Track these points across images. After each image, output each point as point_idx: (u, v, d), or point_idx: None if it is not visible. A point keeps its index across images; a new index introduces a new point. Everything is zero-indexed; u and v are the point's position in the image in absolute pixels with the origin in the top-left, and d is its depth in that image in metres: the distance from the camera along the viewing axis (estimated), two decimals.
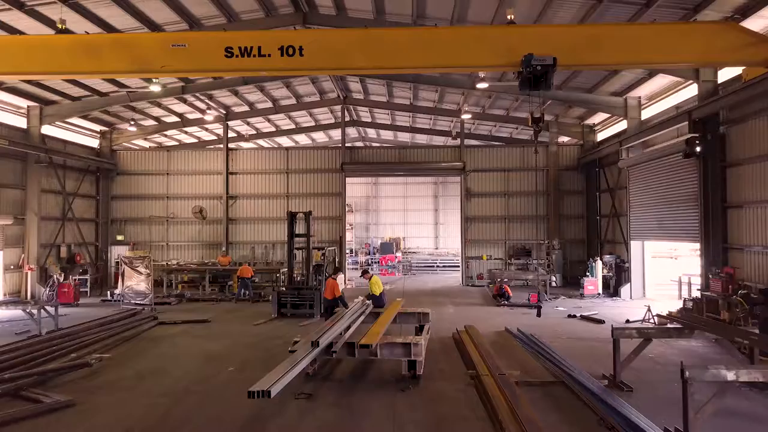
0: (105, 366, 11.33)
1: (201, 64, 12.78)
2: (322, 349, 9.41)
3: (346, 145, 28.89)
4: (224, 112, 27.79)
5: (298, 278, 18.27)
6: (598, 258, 22.77)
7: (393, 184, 45.39)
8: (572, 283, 26.03)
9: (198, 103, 25.85)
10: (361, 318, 12.89)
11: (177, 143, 32.21)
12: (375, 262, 41.52)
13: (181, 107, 26.60)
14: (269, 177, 28.32)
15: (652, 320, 16.10)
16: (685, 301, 16.30)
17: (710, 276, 15.46)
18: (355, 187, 45.29)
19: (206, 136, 32.19)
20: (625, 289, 21.78)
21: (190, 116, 28.05)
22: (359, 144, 35.58)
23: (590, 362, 11.21)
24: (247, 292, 21.09)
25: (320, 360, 10.33)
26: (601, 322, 16.35)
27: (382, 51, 12.34)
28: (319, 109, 29.93)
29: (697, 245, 17.35)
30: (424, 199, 45.59)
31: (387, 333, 11.90)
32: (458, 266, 37.35)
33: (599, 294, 22.08)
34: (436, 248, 45.11)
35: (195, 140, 32.63)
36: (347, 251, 45.22)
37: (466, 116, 24.99)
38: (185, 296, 21.91)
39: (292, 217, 17.72)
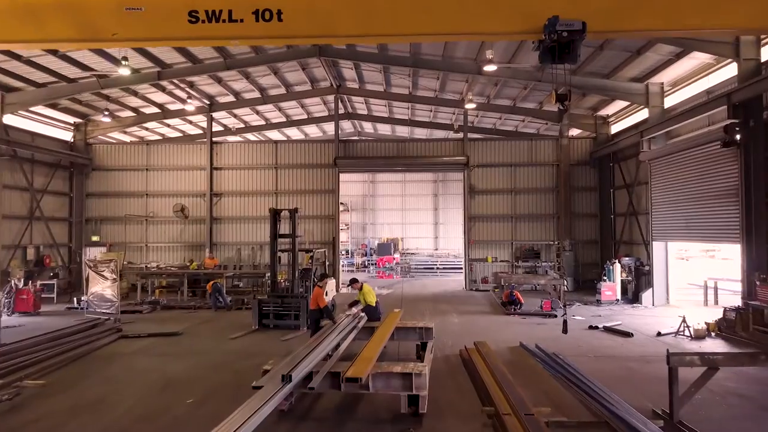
0: (35, 396, 9.20)
1: (160, 31, 10.49)
2: (298, 383, 7.31)
3: (341, 138, 26.81)
4: (208, 102, 25.67)
5: (283, 284, 16.16)
6: (616, 260, 20.69)
7: (391, 182, 43.64)
8: (585, 287, 24.03)
9: (178, 92, 23.73)
10: (353, 334, 10.81)
11: (160, 137, 30.08)
12: (372, 264, 39.72)
13: (160, 96, 24.47)
14: (256, 173, 26.22)
15: (687, 332, 14.05)
16: (725, 311, 14.21)
17: (757, 282, 13.39)
18: (351, 186, 43.59)
19: (191, 130, 30.07)
20: (646, 295, 19.71)
21: (171, 107, 25.93)
22: (354, 138, 33.35)
23: (631, 391, 9.12)
24: (221, 299, 18.96)
25: (298, 392, 8.22)
26: (628, 335, 14.27)
27: (376, 13, 10.17)
28: (311, 99, 27.83)
29: (732, 246, 15.32)
30: (423, 198, 43.78)
31: (383, 353, 9.84)
32: (460, 268, 35.62)
33: (618, 300, 20.01)
34: (436, 249, 43.34)
35: (179, 134, 30.54)
36: (343, 252, 43.25)
37: (470, 105, 22.92)
38: (160, 303, 19.77)
39: (275, 216, 15.63)
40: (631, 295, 20.71)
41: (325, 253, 17.92)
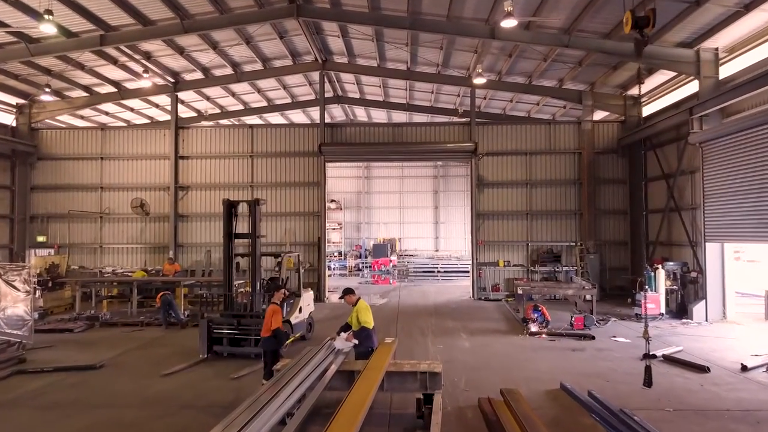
0: None
1: None
2: None
3: (327, 121, 23.13)
4: (172, 80, 21.96)
5: (240, 299, 12.43)
6: (659, 266, 17.00)
7: (387, 177, 40.10)
8: (612, 295, 20.44)
9: (134, 66, 20.00)
10: (330, 374, 7.17)
11: (125, 123, 26.30)
12: (366, 267, 36.10)
13: (114, 71, 20.75)
14: (229, 162, 22.51)
15: None
16: None
17: None
18: (344, 182, 40.17)
19: (159, 115, 26.36)
20: (697, 308, 16.07)
21: (129, 85, 22.19)
22: (343, 122, 29.23)
23: None
24: (173, 314, 15.26)
25: None
26: (703, 369, 10.59)
27: None
28: (294, 79, 24.14)
29: None
30: (422, 195, 40.21)
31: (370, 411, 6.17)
32: (463, 272, 32.16)
33: (662, 314, 16.35)
34: (437, 250, 39.78)
35: (147, 120, 26.78)
36: (335, 254, 39.83)
37: (479, 81, 19.19)
38: (100, 319, 16.05)
39: (230, 209, 11.92)
40: (676, 307, 17.09)
41: (297, 257, 14.16)
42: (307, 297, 13.60)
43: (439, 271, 33.94)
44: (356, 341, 8.58)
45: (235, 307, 11.71)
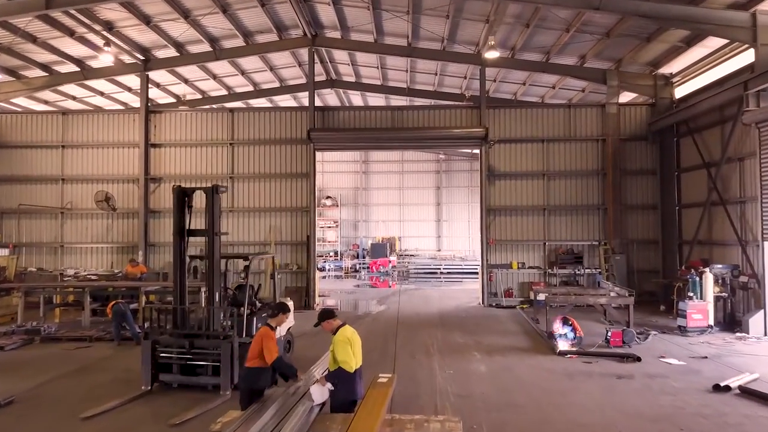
0: None
1: None
2: None
3: (319, 106, 20.55)
4: (141, 57, 19.34)
5: (194, 313, 9.76)
6: (706, 269, 14.40)
7: (387, 172, 37.83)
8: (642, 301, 17.71)
9: (95, 39, 17.39)
10: None
11: (92, 108, 23.66)
12: (364, 267, 33.58)
13: (75, 47, 18.14)
14: (207, 151, 19.93)
15: None
16: None
17: None
18: (341, 177, 37.86)
19: (132, 100, 23.72)
20: (754, 320, 13.46)
21: (94, 64, 19.58)
22: (336, 106, 26.07)
23: None
24: (127, 327, 12.66)
25: None
26: None
27: None
28: (281, 58, 21.53)
29: None
30: (424, 191, 37.96)
31: None
32: (468, 273, 29.71)
33: (710, 327, 13.73)
34: (439, 250, 37.49)
35: (120, 106, 24.16)
36: (331, 254, 37.29)
37: (491, 54, 16.53)
38: (42, 332, 13.47)
39: (182, 199, 9.30)
40: (725, 318, 14.51)
41: (272, 260, 11.56)
42: (288, 322, 10.99)
43: (441, 273, 31.48)
44: (324, 387, 6.00)
45: (188, 324, 9.09)
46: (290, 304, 11.49)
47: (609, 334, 12.19)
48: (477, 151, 20.31)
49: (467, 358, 11.35)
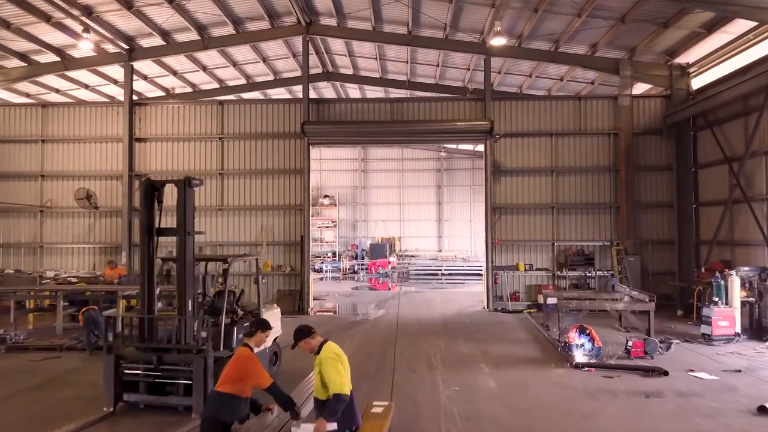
0: None
1: None
2: None
3: (314, 98, 19.43)
4: (125, 46, 18.22)
5: (164, 323, 8.56)
6: (732, 272, 13.25)
7: (386, 171, 36.91)
8: (657, 306, 16.45)
9: (73, 24, 16.24)
10: None
11: (74, 101, 22.48)
12: (363, 268, 32.50)
13: (54, 35, 17.02)
14: (195, 146, 18.80)
15: None
16: None
17: None
18: (339, 175, 36.88)
19: (118, 94, 22.42)
20: None
21: (76, 53, 18.46)
22: (332, 98, 24.79)
23: None
24: (99, 335, 11.52)
25: None
26: None
27: None
28: (274, 48, 20.39)
29: None
30: (425, 190, 36.99)
31: None
32: (471, 274, 28.77)
33: (738, 335, 12.59)
34: (440, 250, 36.54)
35: (105, 99, 23.00)
36: (329, 254, 36.16)
37: (497, 41, 15.35)
38: (9, 340, 12.34)
39: (151, 194, 8.17)
40: (752, 324, 13.38)
41: (256, 262, 10.40)
42: (271, 318, 9.85)
43: (443, 274, 30.46)
44: (333, 426, 4.78)
45: (156, 336, 7.95)
46: (276, 311, 10.41)
47: (629, 343, 11.06)
48: (480, 148, 19.26)
49: (474, 371, 10.22)
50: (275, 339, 10.04)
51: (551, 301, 14.81)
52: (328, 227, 37.10)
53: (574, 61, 18.31)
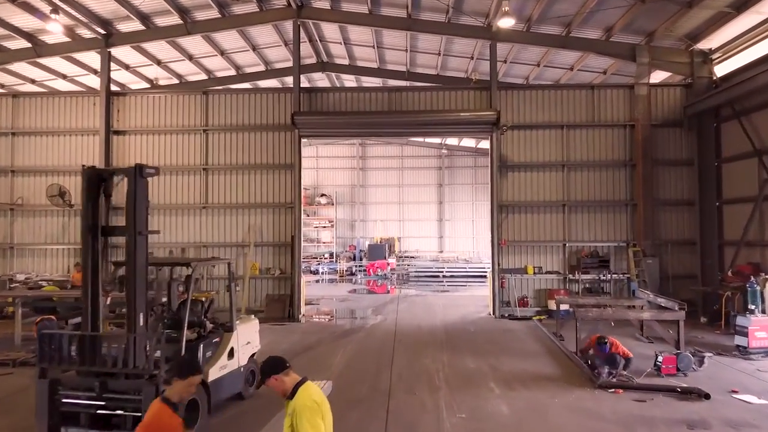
0: None
1: None
2: None
3: (305, 85, 18.05)
4: (102, 31, 16.84)
5: (108, 343, 7.15)
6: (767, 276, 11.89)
7: (385, 169, 35.77)
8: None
9: (42, 5, 14.87)
10: None
11: (47, 91, 21.05)
12: (361, 270, 31.23)
13: (23, 18, 15.64)
14: (177, 139, 17.41)
15: None
16: None
17: None
18: (336, 173, 35.69)
19: (95, 83, 21.10)
20: None
21: (48, 39, 17.08)
22: (325, 86, 23.00)
23: None
24: (54, 348, 10.10)
25: None
26: None
27: None
28: (263, 34, 19.02)
29: None
30: (425, 189, 35.85)
31: None
32: (473, 276, 27.63)
33: None
34: (441, 251, 35.34)
35: (82, 89, 21.51)
36: (325, 255, 34.77)
37: (505, 22, 13.94)
38: None
39: (96, 184, 6.77)
40: None
41: (230, 265, 8.96)
42: (247, 330, 8.48)
43: (444, 276, 29.27)
44: None
45: (100, 358, 6.56)
46: (253, 323, 9.00)
47: (660, 359, 9.68)
48: (483, 145, 17.78)
49: (483, 393, 8.82)
50: (252, 355, 8.66)
51: (565, 307, 13.50)
52: (325, 227, 35.78)
53: (587, 47, 16.93)
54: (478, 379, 9.58)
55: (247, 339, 8.40)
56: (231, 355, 7.85)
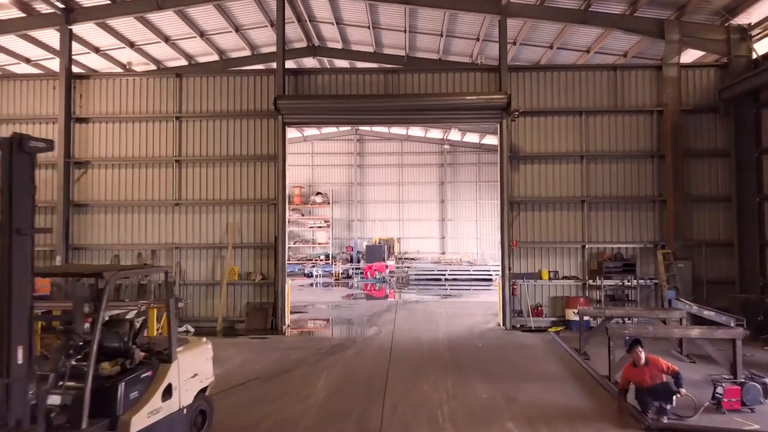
0: None
1: None
2: None
3: (292, 69, 16.13)
4: (61, 5, 14.92)
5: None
6: None
7: (384, 166, 34.02)
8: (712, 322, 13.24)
9: None
10: None
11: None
12: (358, 273, 29.39)
13: None
14: (147, 127, 15.47)
15: None
16: None
17: None
18: (333, 170, 33.98)
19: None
20: None
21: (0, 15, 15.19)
22: (314, 68, 20.94)
23: None
24: None
25: None
26: None
27: None
28: (246, 14, 17.18)
29: None
30: (426, 187, 34.13)
31: None
32: (478, 280, 25.85)
33: None
34: (443, 253, 33.59)
35: (47, 74, 19.65)
36: (321, 257, 32.85)
37: None
38: None
39: None
40: None
41: (168, 274, 7.02)
42: (193, 359, 6.52)
43: (446, 279, 27.39)
44: None
45: None
46: (203, 349, 7.03)
47: (720, 390, 7.72)
48: (487, 141, 15.84)
49: None
50: (203, 390, 6.72)
51: (592, 321, 11.55)
52: (320, 227, 33.91)
53: (609, 23, 14.97)
54: (492, 415, 7.63)
55: (194, 370, 6.44)
56: (168, 393, 5.91)
